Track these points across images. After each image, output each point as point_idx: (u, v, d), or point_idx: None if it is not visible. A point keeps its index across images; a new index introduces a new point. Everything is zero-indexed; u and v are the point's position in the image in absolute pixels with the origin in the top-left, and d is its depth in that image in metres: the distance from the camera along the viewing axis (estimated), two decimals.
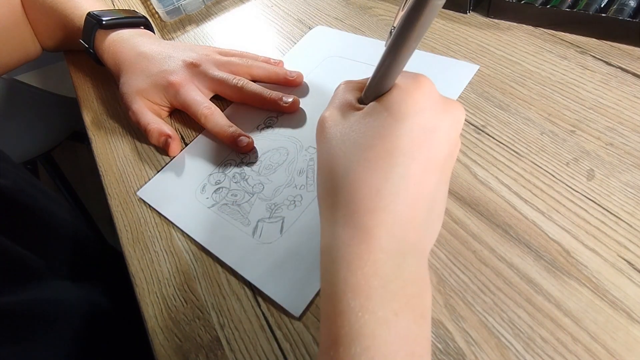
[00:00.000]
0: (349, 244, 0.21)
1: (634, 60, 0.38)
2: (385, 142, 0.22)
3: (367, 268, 0.21)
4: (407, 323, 0.20)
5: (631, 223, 0.29)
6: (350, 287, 0.20)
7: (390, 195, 0.22)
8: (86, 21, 0.46)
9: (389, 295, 0.20)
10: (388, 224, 0.22)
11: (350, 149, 0.23)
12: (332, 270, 0.22)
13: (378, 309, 0.20)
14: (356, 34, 0.48)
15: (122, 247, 0.36)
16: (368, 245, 0.21)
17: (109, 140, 0.44)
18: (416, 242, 0.22)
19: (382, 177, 0.22)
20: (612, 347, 0.25)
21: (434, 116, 0.23)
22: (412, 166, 0.22)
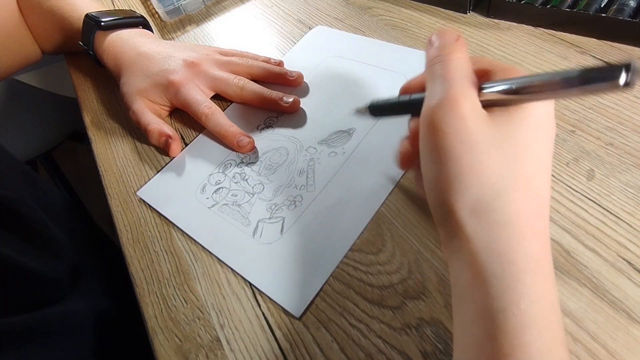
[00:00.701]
0: (523, 271, 0.19)
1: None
2: (536, 157, 0.21)
3: (546, 301, 0.19)
4: None
5: (631, 223, 0.29)
6: (532, 323, 0.18)
7: (546, 217, 0.21)
8: (85, 23, 0.46)
9: (563, 335, 0.19)
10: (547, 248, 0.21)
11: (506, 161, 0.21)
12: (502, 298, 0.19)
13: (560, 351, 0.19)
14: (356, 34, 0.48)
15: (122, 247, 0.36)
16: (542, 275, 0.20)
17: (109, 140, 0.44)
18: None
19: (539, 197, 0.21)
20: (612, 347, 0.25)
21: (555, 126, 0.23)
22: (549, 180, 0.22)
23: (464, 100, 0.21)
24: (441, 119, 0.21)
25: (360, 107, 0.33)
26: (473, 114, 0.21)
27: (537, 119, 0.22)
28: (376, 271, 0.30)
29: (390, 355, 0.27)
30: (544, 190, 0.22)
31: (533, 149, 0.21)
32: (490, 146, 0.21)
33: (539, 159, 0.21)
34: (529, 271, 0.19)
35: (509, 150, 0.21)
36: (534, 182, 0.21)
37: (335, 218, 0.33)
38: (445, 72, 0.22)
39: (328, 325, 0.28)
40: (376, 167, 0.35)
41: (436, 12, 0.49)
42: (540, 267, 0.20)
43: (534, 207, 0.21)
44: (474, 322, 0.20)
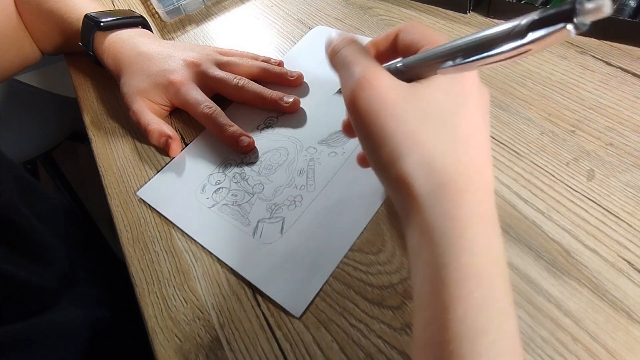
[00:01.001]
0: (466, 226, 0.20)
1: (634, 60, 0.38)
2: (468, 120, 0.23)
3: (488, 254, 0.20)
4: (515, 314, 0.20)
5: (631, 223, 0.29)
6: (472, 274, 0.19)
7: (487, 173, 0.22)
8: (84, 23, 0.46)
9: (506, 285, 0.20)
10: (492, 202, 0.22)
11: (437, 127, 0.22)
12: (445, 254, 0.20)
13: (501, 298, 0.19)
14: (356, 34, 0.48)
15: (122, 247, 0.36)
16: (485, 228, 0.20)
17: (109, 140, 0.44)
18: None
19: (478, 156, 0.22)
20: (612, 347, 0.25)
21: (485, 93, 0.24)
22: (488, 142, 0.23)
23: (377, 76, 0.22)
24: (362, 101, 0.22)
25: None
26: (390, 87, 0.22)
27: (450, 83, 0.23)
28: (376, 271, 0.30)
29: (390, 355, 0.27)
30: (481, 148, 0.23)
31: (463, 113, 0.23)
32: (419, 114, 0.22)
33: (471, 121, 0.23)
34: (472, 225, 0.20)
35: (439, 115, 0.22)
36: (469, 141, 0.22)
37: (335, 218, 0.33)
38: (344, 61, 0.24)
39: (328, 325, 0.28)
40: None
41: (436, 12, 0.49)
42: (482, 221, 0.20)
43: (473, 165, 0.22)
44: (423, 281, 0.21)
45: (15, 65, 0.51)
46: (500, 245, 0.21)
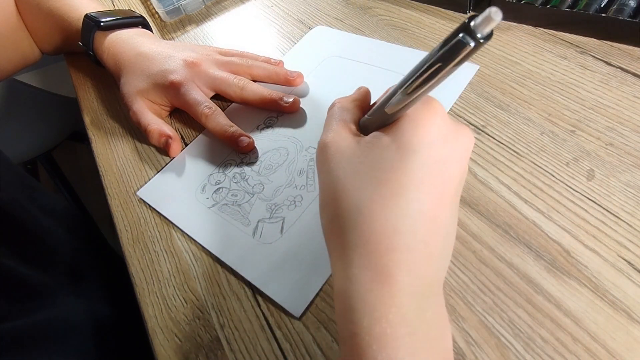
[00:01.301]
0: (370, 288, 0.20)
1: (634, 60, 0.38)
2: (399, 176, 0.21)
3: (391, 315, 0.19)
4: None
5: (631, 223, 0.29)
6: (375, 338, 0.19)
7: (408, 233, 0.21)
8: (84, 23, 0.46)
9: (417, 344, 0.19)
10: (409, 264, 0.20)
11: (361, 183, 0.22)
12: (352, 319, 0.20)
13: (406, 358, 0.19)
14: (356, 34, 0.48)
15: (122, 247, 0.36)
16: (390, 288, 0.20)
17: (109, 140, 0.44)
18: (434, 279, 0.21)
19: (399, 214, 0.21)
20: (612, 347, 0.25)
21: (446, 146, 0.22)
22: (427, 201, 0.21)
23: (327, 140, 0.25)
24: (317, 160, 0.26)
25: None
26: (335, 148, 0.24)
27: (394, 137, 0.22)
28: None
29: None
30: (411, 206, 0.21)
31: (396, 169, 0.21)
32: (348, 171, 0.23)
33: (403, 177, 0.21)
34: (375, 288, 0.20)
35: (366, 172, 0.22)
36: (393, 199, 0.21)
37: None
38: (325, 122, 0.27)
39: (328, 325, 0.28)
40: None
41: (436, 12, 0.49)
42: (388, 282, 0.20)
43: (393, 224, 0.21)
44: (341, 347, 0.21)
45: (15, 65, 0.51)
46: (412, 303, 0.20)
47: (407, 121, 0.22)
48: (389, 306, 0.19)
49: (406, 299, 0.20)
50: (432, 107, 0.22)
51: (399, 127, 0.22)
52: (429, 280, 0.21)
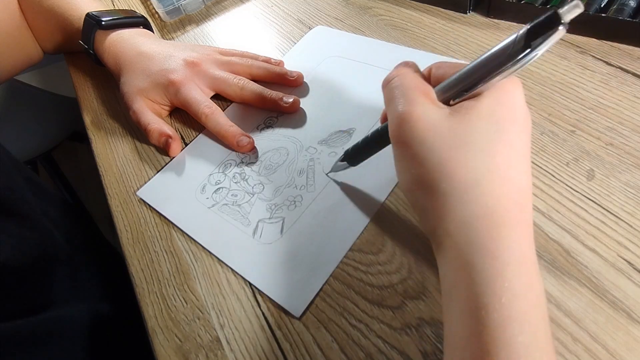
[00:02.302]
0: (506, 263, 0.19)
1: (634, 60, 0.38)
2: (507, 147, 0.21)
3: (530, 295, 0.19)
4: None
5: (631, 223, 0.29)
6: (515, 317, 0.18)
7: (524, 205, 0.21)
8: (85, 22, 0.46)
9: (548, 329, 0.19)
10: (530, 238, 0.20)
11: (474, 155, 0.21)
12: (485, 293, 0.19)
13: (544, 345, 0.18)
14: (356, 34, 0.48)
15: (122, 247, 0.36)
16: (526, 266, 0.19)
17: (109, 140, 0.44)
18: None
19: (518, 187, 0.21)
20: (612, 347, 0.25)
21: (528, 117, 0.23)
22: (530, 172, 0.22)
23: (411, 111, 0.23)
24: (400, 135, 0.23)
25: (334, 164, 0.35)
26: (424, 120, 0.22)
27: (492, 108, 0.22)
28: (376, 271, 0.30)
29: (390, 355, 0.27)
30: (522, 179, 0.21)
31: (503, 140, 0.21)
32: (452, 144, 0.22)
33: (511, 149, 0.21)
34: (512, 263, 0.19)
35: (475, 144, 0.21)
36: (509, 172, 0.21)
37: (335, 218, 0.33)
38: (390, 95, 0.25)
39: (328, 325, 0.28)
40: (376, 166, 0.35)
41: (436, 12, 0.49)
42: (523, 258, 0.20)
43: (513, 197, 0.21)
44: (459, 320, 0.20)
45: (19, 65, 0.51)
46: (541, 286, 0.20)
47: (501, 91, 0.22)
48: (526, 284, 0.19)
49: (536, 278, 0.20)
50: (517, 80, 0.23)
51: (494, 97, 0.22)
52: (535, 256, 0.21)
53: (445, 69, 0.25)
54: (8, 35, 0.48)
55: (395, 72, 0.26)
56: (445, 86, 0.24)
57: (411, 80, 0.25)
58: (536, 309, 0.19)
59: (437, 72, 0.26)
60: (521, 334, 0.18)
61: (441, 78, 0.25)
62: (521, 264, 0.19)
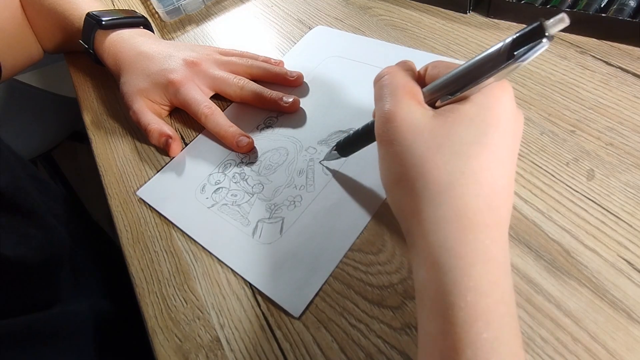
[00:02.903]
0: (472, 262, 0.19)
1: (634, 60, 0.38)
2: (486, 151, 0.21)
3: (495, 293, 0.19)
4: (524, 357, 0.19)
5: (631, 223, 0.29)
6: (480, 315, 0.19)
7: (498, 209, 0.21)
8: (85, 22, 0.46)
9: (514, 325, 0.19)
10: (502, 241, 0.21)
11: (450, 157, 0.21)
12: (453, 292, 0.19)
13: (510, 340, 0.19)
14: (356, 34, 0.48)
15: (122, 247, 0.36)
16: (492, 267, 0.20)
17: (109, 140, 0.44)
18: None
19: (491, 190, 0.21)
20: (612, 347, 0.25)
21: (515, 122, 0.23)
22: (509, 175, 0.22)
23: (396, 111, 0.24)
24: (384, 133, 0.24)
25: (327, 153, 0.36)
26: (408, 120, 0.23)
27: (475, 110, 0.22)
28: (376, 271, 0.30)
29: (390, 355, 0.27)
30: (498, 183, 0.22)
31: (484, 143, 0.22)
32: (431, 145, 0.22)
33: (489, 152, 0.22)
34: (478, 263, 0.20)
35: (452, 146, 0.22)
36: (484, 175, 0.21)
37: (335, 218, 0.33)
38: (379, 93, 0.25)
39: (328, 325, 0.28)
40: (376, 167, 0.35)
41: (436, 12, 0.49)
42: (490, 259, 0.20)
43: (485, 200, 0.21)
44: (429, 318, 0.20)
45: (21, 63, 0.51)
46: (509, 284, 0.20)
47: (487, 96, 0.23)
48: (492, 284, 0.19)
49: (503, 278, 0.20)
50: (507, 85, 0.23)
51: (479, 101, 0.22)
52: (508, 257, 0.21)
53: (440, 68, 0.26)
54: (9, 33, 0.48)
55: (386, 71, 0.26)
56: (432, 88, 0.25)
57: (400, 80, 0.25)
58: (502, 305, 0.19)
59: (432, 72, 0.26)
60: (487, 331, 0.18)
61: (435, 77, 0.25)
62: (486, 264, 0.20)
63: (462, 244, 0.20)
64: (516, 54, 0.20)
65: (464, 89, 0.23)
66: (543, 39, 0.20)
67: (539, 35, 0.20)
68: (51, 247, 0.39)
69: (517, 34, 0.21)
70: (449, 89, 0.24)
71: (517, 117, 0.23)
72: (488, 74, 0.22)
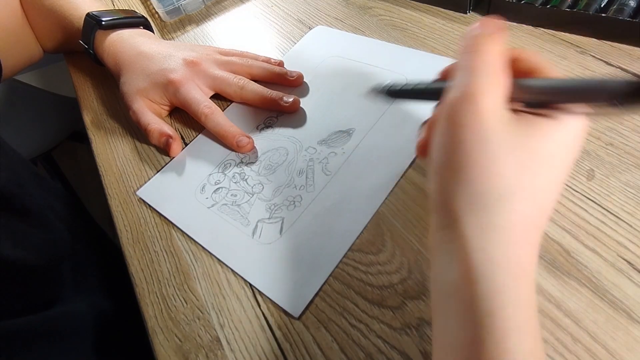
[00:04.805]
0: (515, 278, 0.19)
1: (634, 60, 0.38)
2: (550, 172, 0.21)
3: (530, 308, 0.19)
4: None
5: (631, 223, 0.29)
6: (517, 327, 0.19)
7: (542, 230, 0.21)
8: (85, 22, 0.46)
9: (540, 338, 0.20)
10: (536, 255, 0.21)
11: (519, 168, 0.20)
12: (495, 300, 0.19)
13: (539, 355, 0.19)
14: (356, 34, 0.48)
15: (122, 247, 0.36)
16: (529, 282, 0.20)
17: (109, 140, 0.44)
18: None
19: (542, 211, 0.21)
20: (612, 347, 0.25)
21: None
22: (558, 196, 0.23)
23: (485, 96, 0.20)
24: (458, 112, 0.21)
25: (377, 86, 0.30)
26: (492, 112, 0.20)
27: (563, 137, 0.22)
28: (376, 271, 0.30)
29: (390, 355, 0.27)
30: (548, 204, 0.22)
31: (550, 164, 0.21)
32: (505, 148, 0.20)
33: (552, 174, 0.21)
34: (518, 278, 0.20)
35: (524, 158, 0.21)
36: (541, 194, 0.21)
37: (335, 218, 0.33)
38: (471, 64, 0.21)
39: (328, 325, 0.28)
40: (376, 167, 0.35)
41: (436, 12, 0.49)
42: (526, 275, 0.20)
43: (534, 219, 0.21)
44: (459, 323, 0.20)
45: (21, 63, 0.51)
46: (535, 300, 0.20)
47: (579, 125, 0.22)
48: (529, 298, 0.20)
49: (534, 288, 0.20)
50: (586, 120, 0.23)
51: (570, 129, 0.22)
52: None
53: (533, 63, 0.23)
54: (10, 33, 0.48)
55: (488, 35, 0.22)
56: (528, 87, 0.22)
57: (498, 61, 0.22)
58: (533, 321, 0.20)
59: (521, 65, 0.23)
60: (522, 344, 0.18)
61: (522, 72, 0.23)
62: (524, 279, 0.20)
63: (505, 256, 0.20)
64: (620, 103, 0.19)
65: (561, 104, 0.21)
66: None
67: None
68: (51, 246, 0.39)
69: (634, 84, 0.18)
70: (545, 98, 0.22)
71: None
72: (602, 102, 0.20)
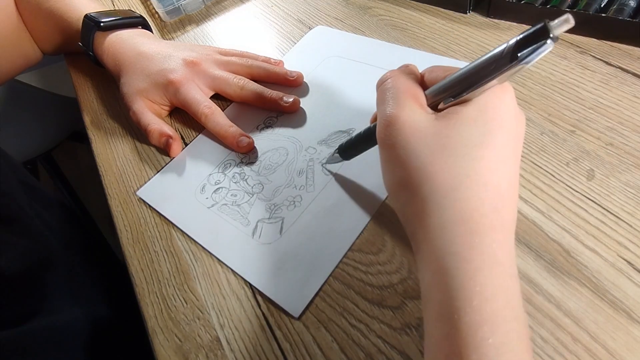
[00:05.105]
0: (479, 267, 0.19)
1: (634, 60, 0.38)
2: (491, 152, 0.21)
3: (501, 298, 0.19)
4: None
5: (631, 223, 0.29)
6: (485, 319, 0.18)
7: (503, 211, 0.21)
8: (84, 24, 0.46)
9: (521, 329, 0.19)
10: (508, 244, 0.21)
11: (454, 160, 0.21)
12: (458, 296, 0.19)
13: (517, 344, 0.19)
14: (356, 34, 0.48)
15: (122, 247, 0.36)
16: (498, 271, 0.19)
17: (109, 140, 0.44)
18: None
19: (497, 192, 0.21)
20: (612, 347, 0.25)
21: (518, 123, 0.23)
22: (513, 176, 0.22)
23: (401, 114, 0.23)
24: (386, 137, 0.24)
25: (329, 156, 0.36)
26: (410, 123, 0.23)
27: (477, 114, 0.22)
28: (376, 271, 0.30)
29: (390, 355, 0.27)
30: (504, 184, 0.22)
31: (488, 144, 0.21)
32: (434, 148, 0.22)
33: (496, 153, 0.21)
34: (484, 268, 0.19)
35: (456, 149, 0.22)
36: (490, 177, 0.21)
37: (335, 218, 0.33)
38: (381, 96, 0.25)
39: (328, 325, 0.28)
40: (376, 167, 0.35)
41: (436, 12, 0.49)
42: (496, 263, 0.20)
43: (491, 203, 0.21)
44: (434, 322, 0.20)
45: (17, 67, 0.51)
46: (516, 288, 0.20)
47: (489, 97, 0.23)
48: (497, 287, 0.19)
49: (510, 282, 0.20)
50: (508, 86, 0.23)
51: (481, 103, 0.22)
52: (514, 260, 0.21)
53: (437, 72, 0.26)
54: (5, 37, 0.48)
55: (389, 74, 0.26)
56: (435, 90, 0.25)
57: (403, 83, 0.25)
58: (508, 310, 0.19)
59: (430, 76, 0.26)
60: (492, 336, 0.18)
61: (433, 81, 0.25)
62: (493, 268, 0.20)
63: (468, 248, 0.20)
64: (520, 55, 0.20)
65: (467, 91, 0.23)
66: (547, 40, 0.19)
67: (543, 37, 0.19)
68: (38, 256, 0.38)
69: (520, 36, 0.20)
70: (452, 91, 0.24)
71: (519, 118, 0.23)
72: (491, 76, 0.22)
